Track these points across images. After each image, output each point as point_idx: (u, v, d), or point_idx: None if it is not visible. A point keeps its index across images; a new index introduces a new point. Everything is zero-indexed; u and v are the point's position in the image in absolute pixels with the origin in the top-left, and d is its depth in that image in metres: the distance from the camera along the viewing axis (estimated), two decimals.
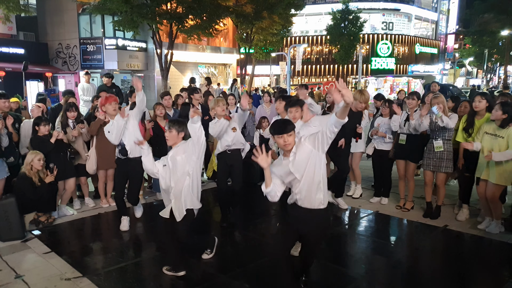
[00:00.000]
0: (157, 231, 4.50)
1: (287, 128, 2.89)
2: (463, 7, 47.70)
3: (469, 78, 53.31)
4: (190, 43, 23.74)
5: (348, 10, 30.83)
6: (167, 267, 3.80)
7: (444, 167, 4.92)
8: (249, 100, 8.61)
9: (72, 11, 20.14)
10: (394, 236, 4.98)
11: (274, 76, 31.70)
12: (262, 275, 3.77)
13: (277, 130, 2.91)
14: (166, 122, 5.85)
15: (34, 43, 20.72)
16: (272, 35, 22.86)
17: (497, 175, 4.38)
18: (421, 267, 4.02)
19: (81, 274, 3.72)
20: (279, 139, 2.91)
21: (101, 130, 5.39)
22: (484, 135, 4.51)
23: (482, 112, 4.76)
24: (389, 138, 5.47)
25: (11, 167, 4.94)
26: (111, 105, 4.71)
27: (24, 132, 5.36)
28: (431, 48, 44.04)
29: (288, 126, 2.90)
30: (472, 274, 3.90)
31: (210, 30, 17.56)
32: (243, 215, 5.37)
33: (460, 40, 55.28)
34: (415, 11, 40.91)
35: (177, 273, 3.73)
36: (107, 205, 5.69)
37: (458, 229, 4.80)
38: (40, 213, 4.91)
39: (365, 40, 36.34)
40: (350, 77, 36.57)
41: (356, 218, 5.42)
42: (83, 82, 9.85)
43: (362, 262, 4.12)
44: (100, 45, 20.17)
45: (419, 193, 5.77)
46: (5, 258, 4.08)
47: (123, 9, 15.10)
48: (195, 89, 6.90)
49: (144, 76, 22.73)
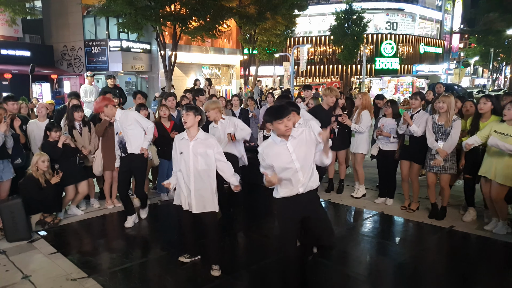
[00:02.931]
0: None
1: (284, 112, 2.91)
2: (468, 6, 47.46)
3: (475, 77, 52.99)
4: (193, 45, 23.81)
5: (352, 10, 30.76)
6: (184, 256, 3.95)
7: (448, 169, 4.88)
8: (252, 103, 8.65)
9: (77, 13, 20.29)
10: (399, 237, 4.96)
11: (278, 76, 31.69)
12: (266, 276, 3.77)
13: (275, 116, 2.91)
14: (170, 123, 5.90)
15: (40, 45, 20.89)
16: (275, 36, 22.90)
17: (503, 175, 4.34)
18: (426, 268, 3.99)
19: (86, 275, 3.74)
20: (279, 125, 2.91)
21: (107, 132, 5.43)
22: (493, 134, 4.44)
23: (487, 115, 4.71)
24: (394, 138, 5.45)
25: (17, 168, 4.98)
26: (107, 107, 4.82)
27: (31, 133, 5.40)
28: (436, 47, 43.81)
29: (285, 110, 2.92)
30: (478, 275, 3.87)
31: (214, 31, 17.61)
32: (246, 215, 5.38)
33: (465, 39, 54.99)
34: (419, 11, 40.73)
35: (195, 257, 3.98)
36: (112, 206, 5.72)
37: (464, 230, 4.76)
38: (46, 214, 4.95)
39: (369, 40, 36.22)
40: (354, 77, 36.47)
41: (361, 219, 5.40)
42: (85, 84, 9.91)
43: (367, 263, 4.11)
44: (105, 47, 20.29)
45: (424, 194, 5.74)
46: (12, 258, 4.11)
47: (127, 11, 15.19)
48: (200, 91, 6.92)
49: (148, 78, 22.83)
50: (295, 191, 3.03)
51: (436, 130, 4.87)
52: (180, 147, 3.68)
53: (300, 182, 3.01)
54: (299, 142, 2.99)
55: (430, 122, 4.93)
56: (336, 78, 36.27)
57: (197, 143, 3.61)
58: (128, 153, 4.83)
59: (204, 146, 3.62)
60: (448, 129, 4.75)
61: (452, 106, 4.78)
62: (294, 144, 2.98)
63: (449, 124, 4.75)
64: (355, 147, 5.91)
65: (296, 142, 2.99)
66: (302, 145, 2.99)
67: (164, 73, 17.68)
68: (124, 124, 4.80)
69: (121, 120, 4.81)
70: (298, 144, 2.99)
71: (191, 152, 3.60)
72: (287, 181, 3.02)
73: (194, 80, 12.27)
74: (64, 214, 5.33)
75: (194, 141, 3.61)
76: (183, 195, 3.72)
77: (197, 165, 3.60)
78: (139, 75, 22.66)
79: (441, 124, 4.83)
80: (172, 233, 4.81)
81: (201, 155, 3.60)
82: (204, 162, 3.61)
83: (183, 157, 3.64)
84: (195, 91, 7.13)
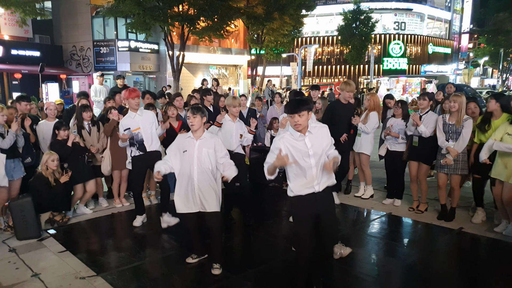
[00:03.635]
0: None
1: (299, 108, 2.92)
2: (477, 6, 46.94)
3: (484, 78, 52.40)
4: (201, 45, 23.89)
5: (360, 10, 30.62)
6: (191, 256, 3.96)
7: (460, 169, 4.83)
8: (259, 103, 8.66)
9: (86, 14, 20.48)
10: (407, 238, 4.92)
11: (285, 77, 31.64)
12: (274, 276, 3.77)
13: (289, 109, 2.97)
14: (178, 123, 5.93)
15: (49, 45, 21.12)
16: (283, 36, 22.86)
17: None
18: (435, 270, 3.95)
19: (95, 273, 3.77)
20: (290, 119, 2.97)
21: (115, 131, 5.47)
22: (504, 136, 4.40)
23: (497, 113, 4.67)
24: (402, 138, 5.41)
25: (27, 167, 5.03)
26: (134, 100, 4.79)
27: (40, 133, 5.46)
28: (445, 47, 43.45)
29: (301, 106, 2.93)
30: (488, 278, 3.82)
31: (221, 32, 17.65)
32: (254, 215, 5.37)
33: (475, 39, 54.41)
34: (428, 11, 40.41)
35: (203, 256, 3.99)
36: (121, 205, 5.76)
37: (473, 232, 4.71)
38: (55, 213, 5.00)
39: (376, 40, 36.03)
40: (362, 78, 36.33)
41: (369, 220, 5.37)
42: (96, 83, 9.97)
43: (375, 264, 4.09)
44: (113, 47, 20.45)
45: (432, 195, 5.69)
46: (22, 256, 4.16)
47: (136, 12, 15.27)
48: (208, 91, 6.94)
49: (156, 78, 22.96)
50: (311, 189, 3.03)
51: (447, 129, 4.82)
52: (184, 145, 3.71)
53: (315, 179, 3.01)
54: (316, 137, 3.02)
55: (441, 122, 4.89)
56: (343, 79, 36.10)
57: (202, 142, 3.67)
58: (147, 151, 4.82)
59: (209, 145, 3.67)
60: (459, 129, 4.71)
61: (464, 106, 4.74)
62: (311, 139, 3.00)
63: (460, 124, 4.70)
64: (358, 147, 5.86)
65: (313, 137, 3.01)
66: (318, 140, 3.02)
67: (172, 73, 17.76)
68: (147, 121, 4.84)
69: (145, 117, 4.86)
70: (315, 139, 3.01)
71: (196, 150, 3.64)
72: (300, 176, 3.02)
73: (202, 80, 12.32)
74: (73, 213, 5.38)
75: (200, 141, 3.67)
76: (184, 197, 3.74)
77: (201, 164, 3.64)
78: (147, 75, 22.80)
79: (451, 123, 4.78)
80: (180, 232, 4.82)
81: (205, 154, 3.65)
82: (208, 161, 3.66)
83: (187, 155, 3.67)
84: (202, 91, 7.16)
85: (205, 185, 3.66)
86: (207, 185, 3.67)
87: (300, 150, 2.99)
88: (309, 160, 2.99)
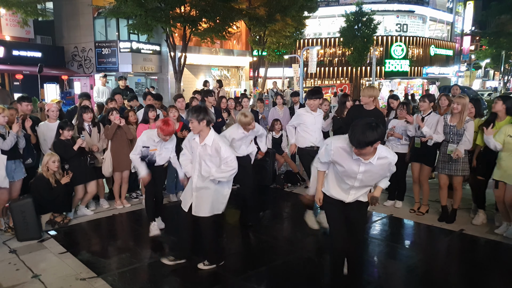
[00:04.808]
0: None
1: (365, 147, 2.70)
2: (479, 8, 46.92)
3: (486, 80, 52.34)
4: (203, 46, 23.90)
5: (362, 12, 30.58)
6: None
7: (461, 170, 4.82)
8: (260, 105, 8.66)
9: (87, 15, 20.50)
10: (408, 240, 4.91)
11: (287, 78, 31.62)
12: (275, 278, 3.76)
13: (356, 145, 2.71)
14: (179, 124, 5.93)
15: (51, 46, 21.16)
16: (285, 38, 22.84)
17: None
18: (436, 272, 3.94)
19: (95, 274, 3.77)
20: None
21: (116, 134, 5.47)
22: (506, 138, 4.38)
23: (502, 115, 4.66)
24: (405, 140, 5.40)
25: (28, 168, 5.03)
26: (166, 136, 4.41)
27: (41, 134, 5.46)
28: (446, 50, 43.35)
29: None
30: (489, 280, 3.81)
31: (223, 33, 17.66)
32: (255, 217, 5.36)
33: (476, 41, 54.35)
34: (430, 13, 40.34)
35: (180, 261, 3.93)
36: (121, 206, 5.76)
37: (474, 234, 4.70)
38: (56, 214, 5.00)
39: (379, 42, 35.95)
40: (364, 79, 36.25)
41: (370, 222, 5.36)
42: (98, 84, 9.97)
43: (376, 266, 4.07)
44: (115, 48, 20.47)
45: (434, 197, 5.68)
46: (22, 257, 4.16)
47: (138, 13, 15.31)
48: (209, 92, 6.94)
49: (158, 79, 22.97)
50: (342, 198, 3.08)
51: (448, 131, 4.81)
52: (192, 146, 3.78)
53: (350, 195, 3.05)
54: (373, 167, 2.85)
55: (442, 123, 4.88)
56: (345, 80, 36.08)
57: (203, 149, 3.66)
58: (155, 165, 4.67)
59: (210, 153, 3.64)
60: (460, 131, 4.70)
61: (466, 108, 4.73)
62: (367, 167, 2.85)
63: (461, 126, 4.69)
64: None
65: (371, 166, 2.84)
66: (374, 171, 2.89)
67: (174, 75, 17.77)
68: (167, 147, 4.66)
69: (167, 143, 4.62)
70: (371, 169, 2.87)
71: (198, 156, 3.70)
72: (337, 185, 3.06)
73: (204, 81, 12.34)
74: (74, 214, 5.37)
75: (201, 147, 3.67)
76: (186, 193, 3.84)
77: (201, 169, 3.70)
78: (149, 76, 22.82)
79: (453, 125, 4.77)
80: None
81: (206, 161, 3.67)
82: (208, 169, 3.67)
83: (193, 155, 3.76)
84: (204, 92, 7.16)
85: (201, 190, 3.74)
86: (203, 190, 3.74)
87: (349, 169, 2.88)
88: (353, 182, 2.94)
